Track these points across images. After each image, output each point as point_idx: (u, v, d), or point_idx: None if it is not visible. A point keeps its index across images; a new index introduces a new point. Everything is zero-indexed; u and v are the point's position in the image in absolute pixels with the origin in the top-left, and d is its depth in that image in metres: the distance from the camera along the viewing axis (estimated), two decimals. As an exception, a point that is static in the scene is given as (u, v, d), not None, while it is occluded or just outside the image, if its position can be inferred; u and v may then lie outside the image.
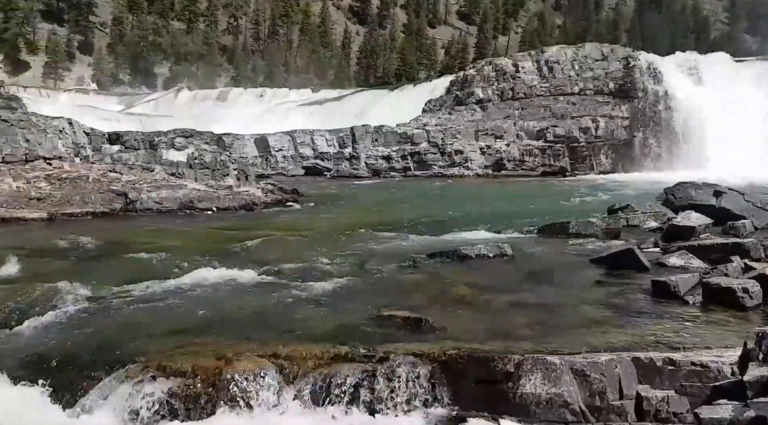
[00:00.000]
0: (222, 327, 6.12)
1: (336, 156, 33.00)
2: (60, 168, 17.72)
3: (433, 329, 5.91)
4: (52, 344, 5.78)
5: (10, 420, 4.82)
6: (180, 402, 4.93)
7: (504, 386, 4.85)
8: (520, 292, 7.23)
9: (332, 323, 6.16)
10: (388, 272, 8.55)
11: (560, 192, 22.62)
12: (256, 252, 10.17)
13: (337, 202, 20.79)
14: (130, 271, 8.64)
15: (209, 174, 21.76)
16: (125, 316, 6.59)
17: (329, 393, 4.98)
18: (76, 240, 11.29)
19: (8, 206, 14.64)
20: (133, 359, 5.28)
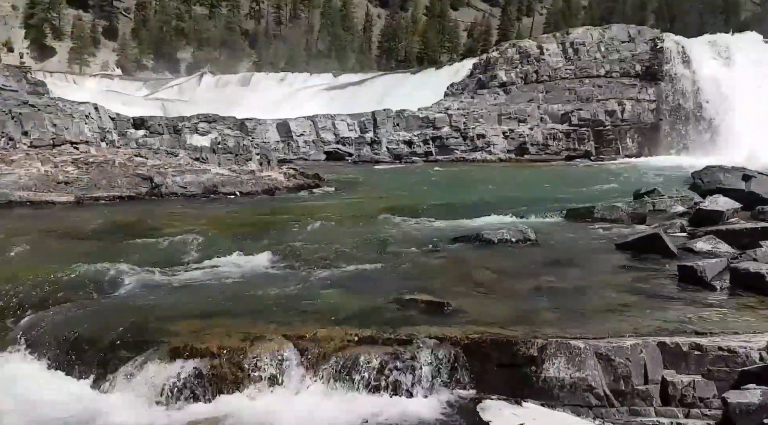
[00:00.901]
0: (246, 309, 6.19)
1: (357, 141, 32.96)
2: (87, 152, 17.99)
3: (455, 313, 5.92)
4: (81, 324, 5.90)
5: (42, 397, 4.95)
6: (206, 381, 5.02)
7: (527, 370, 4.84)
8: (544, 277, 7.19)
9: (355, 306, 6.20)
10: (410, 256, 8.55)
11: (585, 176, 22.33)
12: (279, 236, 10.24)
13: (359, 186, 20.79)
14: (157, 254, 8.77)
15: (232, 159, 21.91)
16: (152, 298, 6.70)
17: (352, 375, 5.02)
18: (103, 224, 11.48)
19: (37, 190, 14.92)
20: (160, 339, 5.38)
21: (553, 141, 33.26)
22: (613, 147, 33.72)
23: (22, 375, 5.25)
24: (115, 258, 8.22)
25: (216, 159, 21.25)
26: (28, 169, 15.59)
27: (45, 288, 6.93)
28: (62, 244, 9.59)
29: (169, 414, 4.76)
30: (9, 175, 15.19)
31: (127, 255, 8.66)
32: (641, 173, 23.37)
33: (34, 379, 5.19)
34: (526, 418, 4.49)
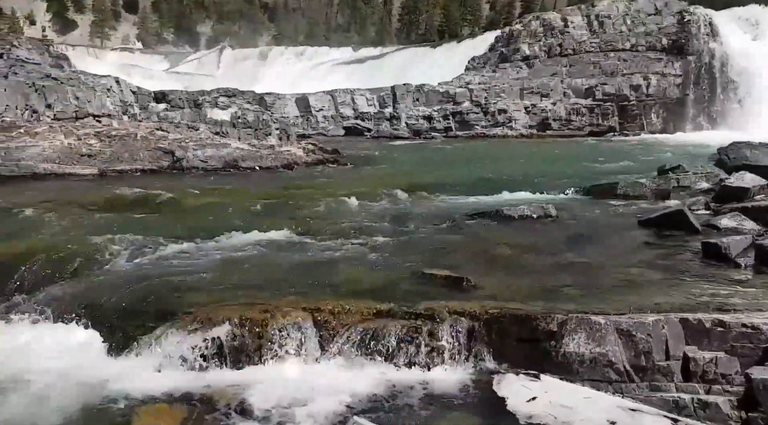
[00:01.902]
0: (267, 281, 6.26)
1: (376, 116, 32.79)
2: (109, 125, 18.15)
3: (474, 288, 5.91)
4: (107, 294, 6.02)
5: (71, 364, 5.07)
6: (228, 351, 5.10)
7: (546, 345, 4.85)
8: (564, 253, 7.14)
9: (373, 280, 6.22)
10: (429, 232, 8.54)
11: (608, 152, 22.00)
12: (299, 211, 10.28)
13: (378, 162, 20.74)
14: (179, 227, 8.87)
15: (252, 133, 21.97)
16: (175, 269, 6.79)
17: (371, 348, 5.07)
18: (126, 197, 11.62)
19: (61, 162, 15.12)
20: (184, 309, 5.46)
21: (576, 116, 32.76)
22: (637, 122, 33.13)
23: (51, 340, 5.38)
24: (139, 231, 8.33)
25: (236, 133, 21.32)
26: (52, 142, 15.79)
27: (71, 258, 7.06)
28: (87, 216, 9.74)
29: (193, 381, 4.85)
30: (33, 147, 15.40)
31: (150, 228, 8.78)
32: (666, 149, 22.99)
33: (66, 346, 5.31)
34: (543, 391, 4.50)
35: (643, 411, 4.26)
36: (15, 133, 16.21)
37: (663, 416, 4.20)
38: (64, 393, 4.59)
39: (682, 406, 4.43)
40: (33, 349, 5.25)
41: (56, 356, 5.14)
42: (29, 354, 5.15)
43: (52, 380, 4.77)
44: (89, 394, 4.62)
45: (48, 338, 5.48)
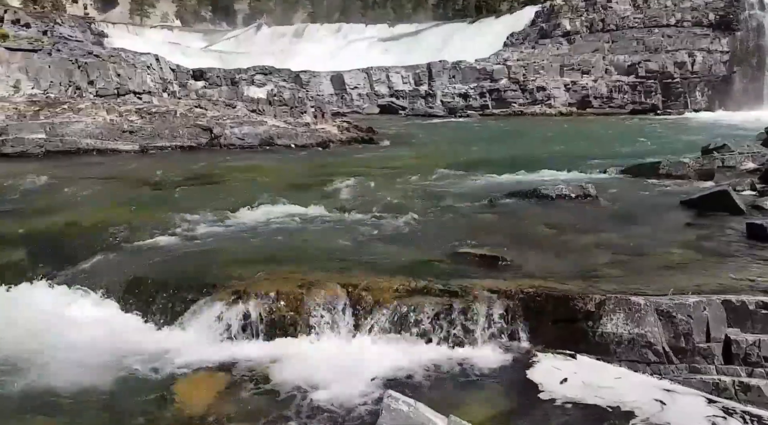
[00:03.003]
0: (303, 257, 6.32)
1: (411, 94, 32.58)
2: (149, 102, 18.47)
3: (510, 267, 5.86)
4: (148, 267, 6.18)
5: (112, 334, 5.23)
6: (264, 324, 5.18)
7: (583, 325, 4.79)
8: (603, 233, 7.02)
9: (408, 258, 6.23)
10: (464, 211, 8.49)
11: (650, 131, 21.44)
12: (334, 189, 10.34)
13: (412, 140, 20.64)
14: (217, 202, 9.02)
15: (287, 111, 22.10)
16: (213, 244, 6.92)
17: (405, 325, 5.08)
18: (166, 173, 11.86)
19: (103, 138, 15.49)
20: (222, 283, 5.57)
21: (617, 93, 31.94)
22: (681, 100, 32.14)
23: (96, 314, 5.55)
24: (178, 206, 8.51)
25: (272, 111, 21.49)
26: (95, 118, 16.17)
27: (115, 231, 7.27)
28: (129, 191, 9.99)
29: (231, 353, 4.95)
30: (77, 123, 15.79)
31: (189, 203, 8.95)
32: (710, 128, 22.26)
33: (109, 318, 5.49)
34: (579, 371, 4.46)
35: (677, 391, 4.20)
36: (59, 109, 16.65)
37: (698, 396, 4.13)
38: (106, 361, 4.74)
39: (722, 388, 4.35)
40: (75, 319, 5.42)
41: (97, 326, 5.30)
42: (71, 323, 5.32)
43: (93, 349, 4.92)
44: (130, 363, 4.76)
45: (89, 308, 5.66)
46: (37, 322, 5.32)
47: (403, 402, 3.60)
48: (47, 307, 5.73)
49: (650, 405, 4.01)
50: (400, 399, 3.64)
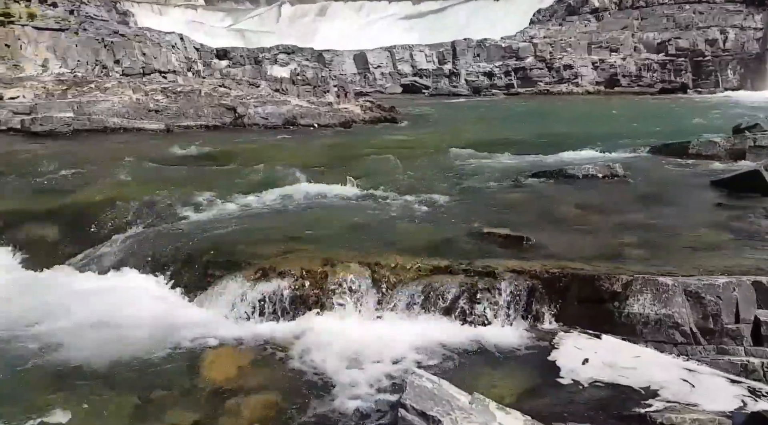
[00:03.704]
0: (326, 236, 6.35)
1: (435, 73, 32.28)
2: (174, 82, 18.59)
3: (534, 247, 5.82)
4: (173, 245, 6.27)
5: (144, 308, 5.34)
6: (289, 301, 5.23)
7: (609, 305, 4.75)
8: (631, 213, 6.92)
9: (431, 238, 6.22)
10: (488, 191, 8.43)
11: (680, 110, 20.98)
12: (356, 168, 10.33)
13: (436, 120, 20.49)
14: (242, 181, 9.09)
15: (310, 90, 22.08)
16: (237, 222, 6.99)
17: (428, 303, 5.09)
18: (192, 152, 11.97)
19: (130, 117, 15.66)
20: (248, 260, 5.63)
21: (646, 72, 31.25)
22: (712, 79, 31.33)
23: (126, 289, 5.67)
24: (203, 185, 8.59)
25: (295, 90, 21.49)
26: (121, 97, 16.34)
27: (142, 209, 7.39)
28: (156, 169, 10.11)
29: (255, 329, 5.02)
30: (104, 102, 15.98)
31: (214, 182, 9.04)
32: (742, 107, 21.68)
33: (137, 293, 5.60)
34: (603, 351, 4.43)
35: (703, 372, 4.15)
36: (86, 88, 16.86)
37: (725, 377, 4.08)
38: (135, 335, 4.85)
39: (750, 370, 4.29)
40: (108, 294, 5.54)
41: (129, 301, 5.42)
42: (105, 298, 5.44)
43: (126, 323, 5.04)
44: (158, 337, 4.86)
45: (121, 284, 5.78)
46: (69, 298, 5.45)
47: (426, 379, 3.62)
48: (79, 283, 5.87)
49: (676, 385, 3.98)
50: (423, 376, 3.66)
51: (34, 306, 5.25)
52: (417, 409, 3.31)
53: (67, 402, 3.93)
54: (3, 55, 18.41)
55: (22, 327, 4.95)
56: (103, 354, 4.55)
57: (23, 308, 5.25)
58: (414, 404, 3.34)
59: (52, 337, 4.80)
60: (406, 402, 3.37)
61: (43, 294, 5.54)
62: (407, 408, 3.35)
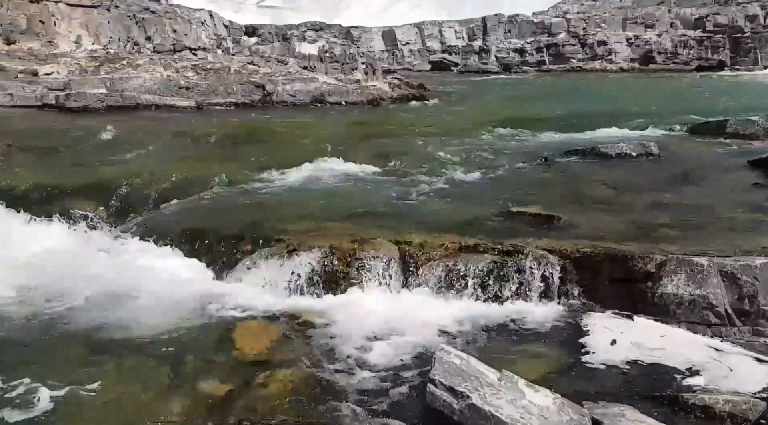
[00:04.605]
0: (355, 214, 6.37)
1: (464, 49, 31.84)
2: (204, 59, 18.69)
3: (566, 227, 5.75)
4: (204, 220, 6.37)
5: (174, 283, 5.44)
6: (317, 277, 5.28)
7: (642, 285, 4.69)
8: (666, 193, 6.79)
9: (460, 216, 6.19)
10: (518, 169, 8.34)
11: (717, 88, 20.38)
12: (385, 147, 10.30)
13: (465, 97, 20.25)
14: (271, 159, 9.13)
15: (338, 67, 21.99)
16: (266, 199, 7.05)
17: (457, 281, 5.09)
18: (222, 129, 12.06)
19: (161, 94, 15.81)
20: (277, 236, 5.68)
21: (683, 49, 30.34)
22: (751, 56, 30.28)
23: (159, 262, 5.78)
24: (233, 162, 8.67)
25: (323, 68, 21.41)
26: (153, 74, 16.49)
27: (175, 184, 7.50)
28: (187, 146, 10.23)
29: (284, 304, 5.08)
30: (136, 78, 16.16)
31: (243, 160, 9.11)
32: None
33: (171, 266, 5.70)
34: (635, 332, 4.38)
35: (736, 353, 4.09)
36: (118, 65, 17.05)
37: (757, 358, 4.01)
38: (169, 308, 4.95)
39: (787, 352, 4.21)
40: (139, 268, 5.65)
41: (160, 275, 5.52)
42: (136, 272, 5.54)
43: (156, 297, 5.14)
44: (192, 310, 4.96)
45: (153, 258, 5.88)
46: (103, 270, 5.58)
47: (455, 356, 3.63)
48: (113, 256, 6.01)
49: (709, 367, 3.93)
50: (452, 353, 3.67)
51: (69, 278, 5.39)
52: (446, 385, 3.33)
53: (100, 372, 4.04)
54: (37, 32, 18.71)
55: (57, 297, 5.09)
56: (136, 325, 4.66)
57: (59, 279, 5.38)
58: (442, 379, 3.36)
59: (86, 308, 4.92)
60: (435, 378, 3.39)
61: (79, 267, 5.67)
62: (436, 383, 3.36)
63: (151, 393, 3.83)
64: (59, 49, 18.55)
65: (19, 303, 5.01)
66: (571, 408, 3.29)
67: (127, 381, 3.97)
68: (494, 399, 3.22)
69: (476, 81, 26.40)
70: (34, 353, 4.30)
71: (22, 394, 3.76)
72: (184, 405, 3.68)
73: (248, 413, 3.53)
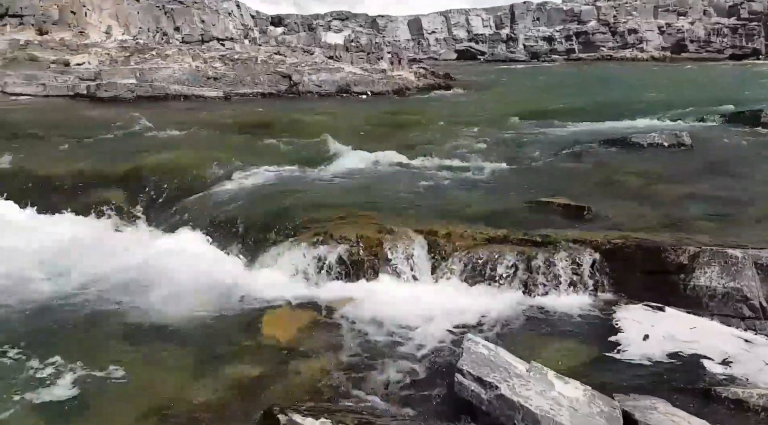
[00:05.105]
0: (381, 204, 6.37)
1: (491, 38, 31.49)
2: (232, 49, 18.81)
3: (596, 218, 5.68)
4: (234, 209, 6.42)
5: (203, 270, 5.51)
6: (345, 265, 5.29)
7: (675, 277, 4.61)
8: (699, 183, 6.65)
9: (488, 206, 6.15)
10: (547, 160, 8.24)
11: (752, 77, 19.85)
12: (411, 137, 10.27)
13: (492, 87, 20.05)
14: (297, 149, 9.20)
15: (364, 57, 21.95)
16: (294, 189, 7.08)
17: (485, 272, 5.05)
18: (249, 119, 12.15)
19: (189, 84, 15.98)
20: (305, 225, 5.71)
21: (716, 37, 29.57)
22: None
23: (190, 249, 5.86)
24: (261, 151, 8.73)
25: (349, 57, 21.39)
26: (181, 64, 16.66)
27: (204, 174, 7.59)
28: (216, 136, 10.33)
29: (312, 292, 5.11)
30: (165, 69, 16.34)
31: (271, 149, 9.17)
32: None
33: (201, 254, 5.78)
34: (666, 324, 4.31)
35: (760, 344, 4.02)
36: (148, 55, 17.26)
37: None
38: (199, 295, 5.02)
39: (824, 347, 4.10)
40: (171, 255, 5.73)
41: (190, 262, 5.59)
42: (167, 259, 5.63)
43: (187, 283, 5.21)
44: (222, 297, 5.02)
45: (183, 246, 5.96)
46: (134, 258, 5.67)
47: (483, 346, 3.61)
48: (144, 244, 6.10)
49: (742, 360, 3.85)
50: (480, 343, 3.65)
51: (101, 264, 5.50)
52: (474, 375, 3.31)
53: (130, 355, 4.13)
54: (69, 22, 19.01)
55: (90, 283, 5.20)
56: (166, 311, 4.74)
57: (90, 266, 5.49)
58: (471, 370, 3.34)
59: (117, 294, 5.02)
60: (463, 368, 3.36)
61: (110, 253, 5.78)
62: (464, 373, 3.34)
63: (182, 377, 3.89)
64: (90, 39, 18.83)
65: (53, 289, 5.14)
66: (602, 400, 3.25)
67: (157, 364, 4.04)
68: (523, 389, 3.20)
69: (503, 70, 26.13)
70: (66, 336, 4.40)
71: (52, 375, 3.85)
72: (215, 390, 3.74)
73: (278, 399, 3.57)
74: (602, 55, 29.50)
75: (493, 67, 27.56)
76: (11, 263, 5.52)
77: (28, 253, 5.74)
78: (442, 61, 29.59)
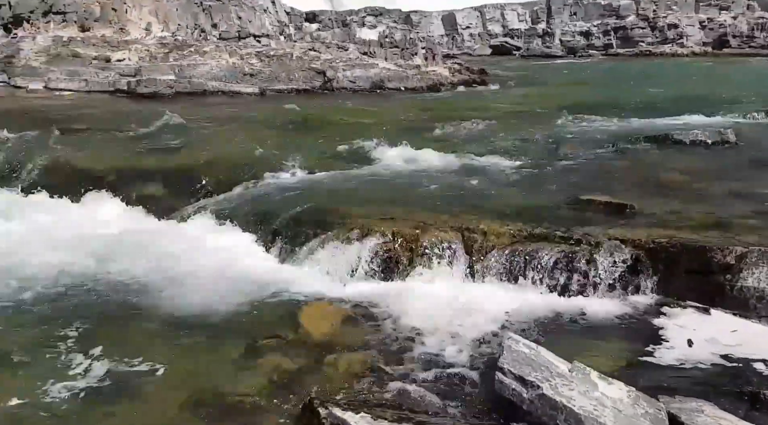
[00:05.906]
0: (417, 200, 6.35)
1: (527, 33, 31.11)
2: (267, 45, 18.99)
3: (638, 215, 5.57)
4: (270, 205, 6.49)
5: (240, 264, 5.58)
6: (381, 261, 5.30)
7: (720, 278, 4.50)
8: (744, 181, 6.48)
9: (526, 204, 6.08)
10: (586, 156, 8.11)
11: (799, 73, 19.14)
12: (446, 133, 10.23)
13: (528, 83, 19.81)
14: (332, 145, 9.23)
15: (398, 53, 21.91)
16: (330, 184, 7.13)
17: (524, 270, 5.00)
18: (285, 115, 12.26)
19: (226, 80, 16.21)
20: (339, 221, 5.73)
21: (759, 32, 28.66)
22: (838, 38, 28.29)
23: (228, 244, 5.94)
24: (296, 147, 8.79)
25: (383, 53, 21.38)
26: (219, 61, 16.91)
27: (242, 169, 7.69)
28: (253, 131, 10.45)
29: (348, 289, 5.13)
30: (203, 65, 16.61)
31: (306, 145, 9.23)
32: None
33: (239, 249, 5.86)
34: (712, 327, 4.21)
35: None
36: (186, 52, 17.55)
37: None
38: (236, 289, 5.08)
39: None
40: (210, 250, 5.82)
41: (229, 256, 5.67)
42: (207, 253, 5.71)
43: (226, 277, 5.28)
44: (258, 292, 5.07)
45: (222, 240, 6.05)
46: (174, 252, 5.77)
47: (523, 345, 3.57)
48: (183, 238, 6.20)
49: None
50: (520, 342, 3.61)
51: (141, 258, 5.61)
52: (515, 374, 3.27)
53: (169, 346, 4.19)
54: (110, 19, 19.45)
55: (130, 276, 5.30)
56: (204, 303, 4.80)
57: (132, 259, 5.61)
58: (512, 368, 3.30)
59: (157, 285, 5.10)
60: (504, 366, 3.33)
61: (150, 248, 5.89)
62: (505, 372, 3.31)
63: (221, 368, 3.94)
64: (130, 35, 19.24)
65: (97, 277, 5.26)
66: (647, 401, 3.19)
67: (196, 355, 4.10)
68: (566, 389, 3.16)
69: (539, 65, 25.76)
70: (107, 324, 4.50)
71: (91, 364, 3.92)
72: (254, 381, 3.78)
73: (316, 392, 3.60)
74: (641, 51, 28.82)
75: (529, 63, 27.21)
76: (65, 253, 5.66)
77: (78, 246, 5.89)
78: (477, 57, 29.29)
